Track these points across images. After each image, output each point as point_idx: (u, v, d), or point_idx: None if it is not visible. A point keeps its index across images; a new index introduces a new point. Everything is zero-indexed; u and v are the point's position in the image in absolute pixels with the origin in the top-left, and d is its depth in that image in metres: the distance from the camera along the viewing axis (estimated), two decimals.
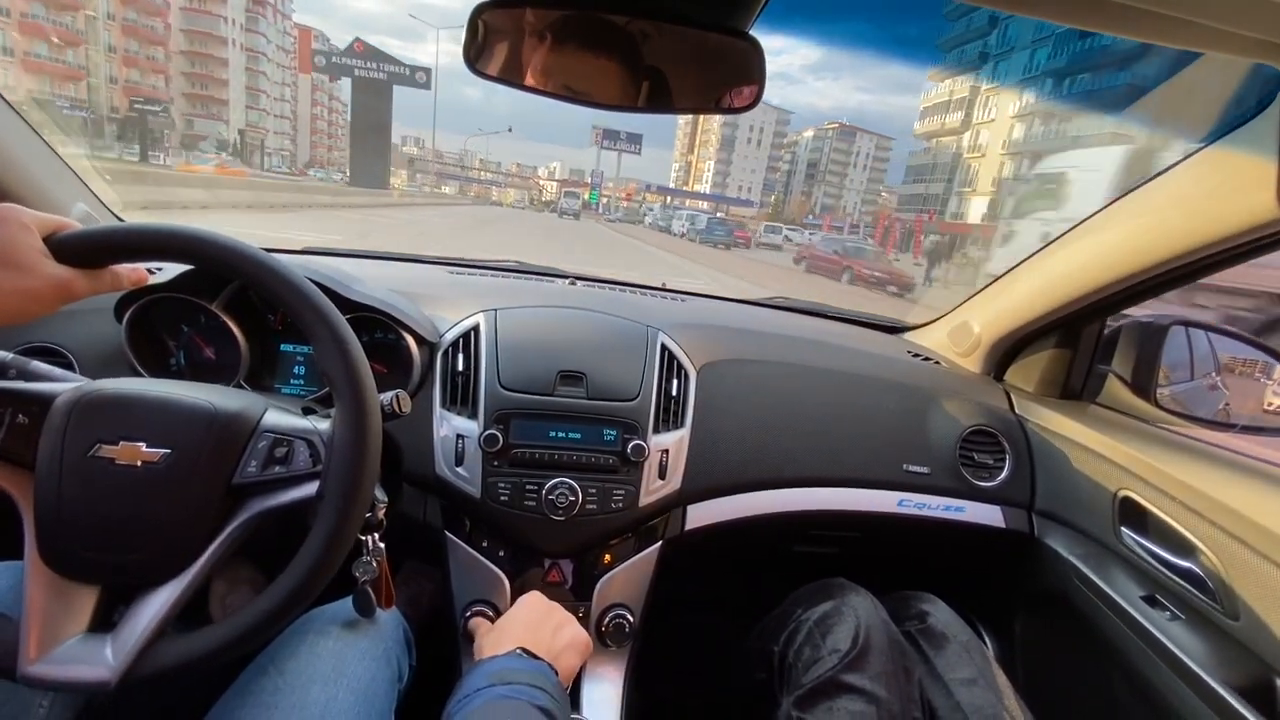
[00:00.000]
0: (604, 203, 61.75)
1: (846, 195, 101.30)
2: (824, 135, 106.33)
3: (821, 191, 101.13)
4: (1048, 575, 0.98)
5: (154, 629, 0.49)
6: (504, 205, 66.90)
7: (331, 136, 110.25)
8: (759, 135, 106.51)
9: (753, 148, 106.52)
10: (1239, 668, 0.71)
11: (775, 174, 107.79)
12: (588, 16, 0.54)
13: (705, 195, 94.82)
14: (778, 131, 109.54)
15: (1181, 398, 1.07)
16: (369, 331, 0.87)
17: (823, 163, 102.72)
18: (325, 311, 0.54)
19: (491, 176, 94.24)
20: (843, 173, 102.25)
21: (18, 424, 0.51)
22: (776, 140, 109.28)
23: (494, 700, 0.52)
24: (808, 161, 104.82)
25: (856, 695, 0.69)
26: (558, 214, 38.46)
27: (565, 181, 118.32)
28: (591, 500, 0.83)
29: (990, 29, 49.99)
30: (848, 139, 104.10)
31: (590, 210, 54.76)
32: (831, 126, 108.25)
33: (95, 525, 0.50)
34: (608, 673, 0.88)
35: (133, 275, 0.56)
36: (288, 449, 0.54)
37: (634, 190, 77.30)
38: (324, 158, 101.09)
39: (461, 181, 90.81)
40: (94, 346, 0.82)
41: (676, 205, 68.41)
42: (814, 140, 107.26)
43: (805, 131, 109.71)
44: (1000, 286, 1.12)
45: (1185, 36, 0.45)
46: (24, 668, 0.47)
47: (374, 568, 0.64)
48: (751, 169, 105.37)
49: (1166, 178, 0.78)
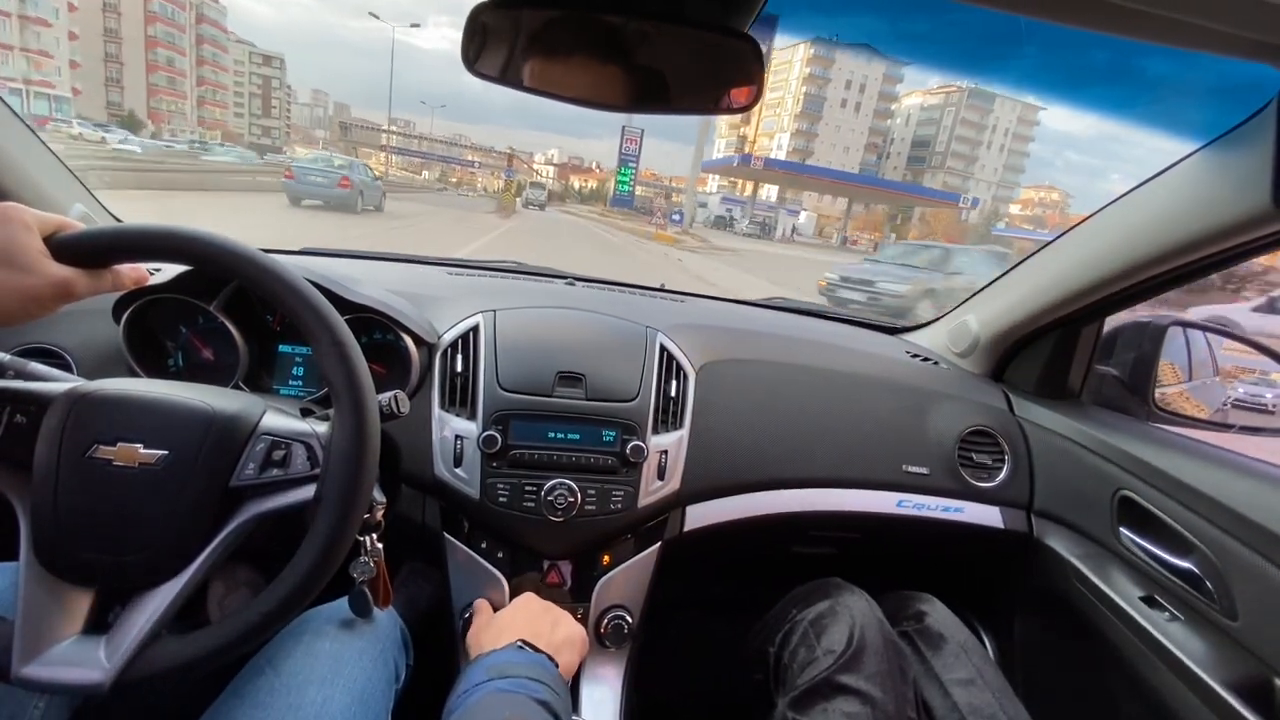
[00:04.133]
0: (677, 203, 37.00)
1: (975, 188, 72.20)
2: (940, 104, 72.95)
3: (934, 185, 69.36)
4: (1046, 575, 0.98)
5: (149, 631, 0.49)
6: (473, 195, 47.79)
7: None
8: (858, 95, 70.56)
9: (848, 113, 71.36)
10: (1238, 668, 0.71)
11: (871, 153, 73.71)
12: (586, 17, 0.54)
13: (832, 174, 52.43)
14: (884, 92, 73.00)
15: (1180, 398, 1.07)
16: (368, 332, 0.87)
17: (939, 140, 72.83)
18: (324, 313, 0.54)
19: (478, 159, 74.95)
20: (971, 155, 73.73)
21: (15, 424, 0.51)
22: (881, 107, 73.25)
23: (494, 694, 0.53)
24: (913, 140, 74.29)
25: (851, 696, 0.69)
26: (523, 204, 34.74)
27: (563, 166, 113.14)
28: (590, 501, 0.83)
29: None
30: (981, 107, 73.42)
31: (618, 212, 36.40)
32: (950, 90, 75.37)
33: (91, 526, 0.50)
34: (607, 674, 0.88)
35: (133, 275, 0.56)
36: (286, 451, 0.54)
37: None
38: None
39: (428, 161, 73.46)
40: (92, 347, 0.82)
41: (725, 199, 52.54)
42: (925, 110, 74.81)
43: (907, 97, 74.89)
44: (999, 287, 1.12)
45: (1182, 37, 0.45)
46: (17, 669, 0.47)
47: (371, 568, 0.64)
48: (845, 145, 71.40)
49: (1164, 179, 0.78)
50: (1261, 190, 0.63)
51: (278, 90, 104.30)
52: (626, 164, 37.37)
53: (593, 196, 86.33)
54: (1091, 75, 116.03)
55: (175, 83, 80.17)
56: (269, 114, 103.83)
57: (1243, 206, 0.67)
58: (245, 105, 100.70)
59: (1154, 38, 0.46)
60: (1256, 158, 0.63)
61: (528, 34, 0.56)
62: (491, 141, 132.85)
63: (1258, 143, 0.64)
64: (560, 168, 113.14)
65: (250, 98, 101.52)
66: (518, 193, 35.51)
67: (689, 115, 0.61)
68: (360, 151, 57.36)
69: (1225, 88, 0.66)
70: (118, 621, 0.50)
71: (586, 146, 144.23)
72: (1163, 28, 0.44)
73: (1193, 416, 1.03)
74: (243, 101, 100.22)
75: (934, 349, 1.25)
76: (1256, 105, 0.64)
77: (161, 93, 78.21)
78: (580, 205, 61.08)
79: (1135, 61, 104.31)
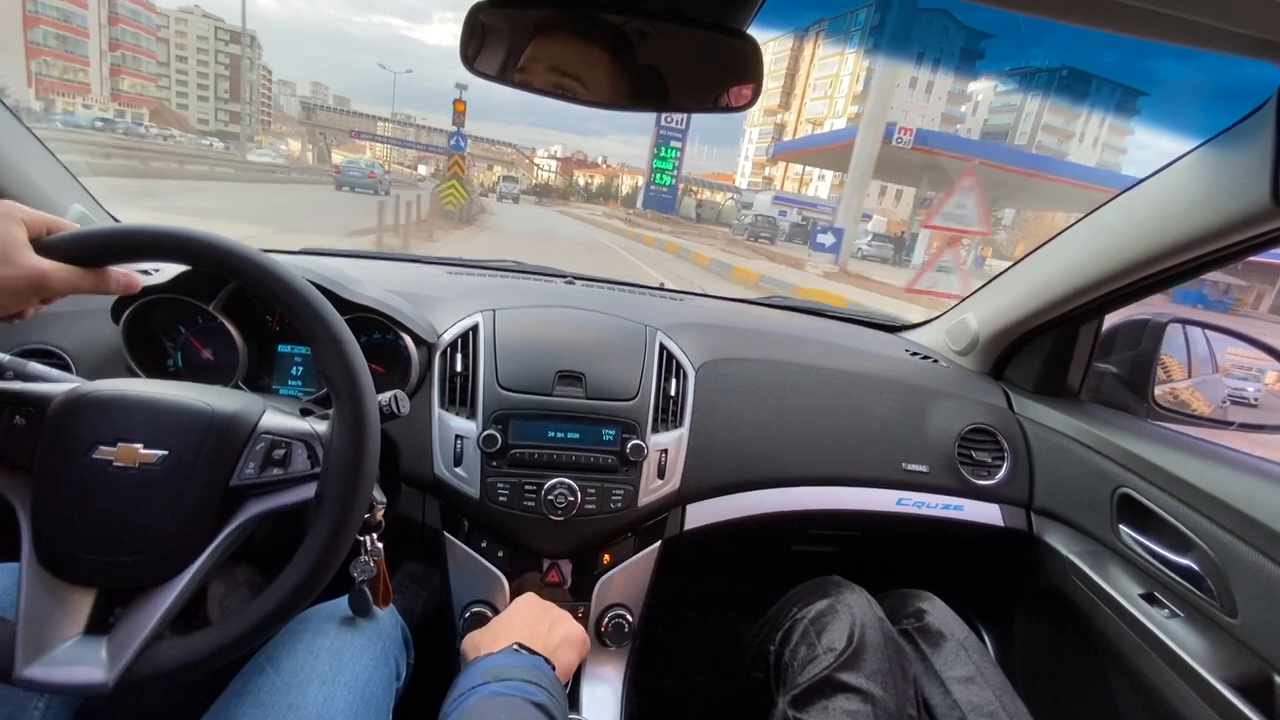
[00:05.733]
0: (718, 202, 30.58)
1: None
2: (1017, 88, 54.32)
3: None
4: (1046, 573, 0.98)
5: (151, 631, 0.49)
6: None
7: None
8: (932, 73, 54.55)
9: (917, 96, 55.63)
10: (1237, 665, 0.71)
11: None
12: (585, 16, 0.54)
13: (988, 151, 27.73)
14: (962, 69, 55.57)
15: (1179, 395, 1.08)
16: (367, 332, 0.87)
17: (1016, 134, 55.39)
18: (322, 311, 0.54)
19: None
20: (1060, 152, 55.40)
21: (14, 425, 0.51)
22: (956, 89, 56.83)
23: (489, 697, 0.52)
24: (981, 131, 57.26)
25: (852, 694, 0.69)
26: (497, 197, 34.30)
27: (567, 160, 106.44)
28: (590, 500, 0.83)
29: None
30: (1076, 89, 54.63)
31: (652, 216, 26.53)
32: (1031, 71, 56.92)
33: (92, 527, 0.50)
34: (607, 672, 0.88)
35: (123, 281, 0.55)
36: (286, 451, 0.54)
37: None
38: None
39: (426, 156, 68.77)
40: (91, 348, 0.82)
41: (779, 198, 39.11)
42: (1001, 95, 57.60)
43: (974, 82, 56.19)
44: (998, 285, 1.12)
45: (1183, 34, 0.45)
46: (20, 671, 0.47)
47: (372, 568, 0.64)
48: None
49: (1163, 176, 0.78)
50: (1261, 188, 0.63)
51: (249, 72, 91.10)
52: (669, 143, 23.46)
53: (600, 194, 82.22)
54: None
55: (71, 43, 64.02)
56: (237, 98, 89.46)
57: (1242, 204, 0.67)
58: (211, 87, 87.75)
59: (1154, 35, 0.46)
60: (1256, 155, 0.63)
61: (526, 32, 0.56)
62: (497, 136, 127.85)
63: (1257, 140, 0.63)
64: (564, 162, 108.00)
65: (216, 79, 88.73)
66: (491, 187, 28.67)
67: (687, 113, 0.61)
68: (332, 138, 53.34)
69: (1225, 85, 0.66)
70: (119, 622, 0.50)
71: (589, 144, 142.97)
72: (1163, 25, 0.44)
73: (1192, 414, 1.03)
74: (207, 83, 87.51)
75: (933, 347, 1.25)
76: (1256, 102, 0.64)
77: (46, 53, 62.24)
78: (587, 204, 54.96)
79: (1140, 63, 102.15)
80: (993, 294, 1.13)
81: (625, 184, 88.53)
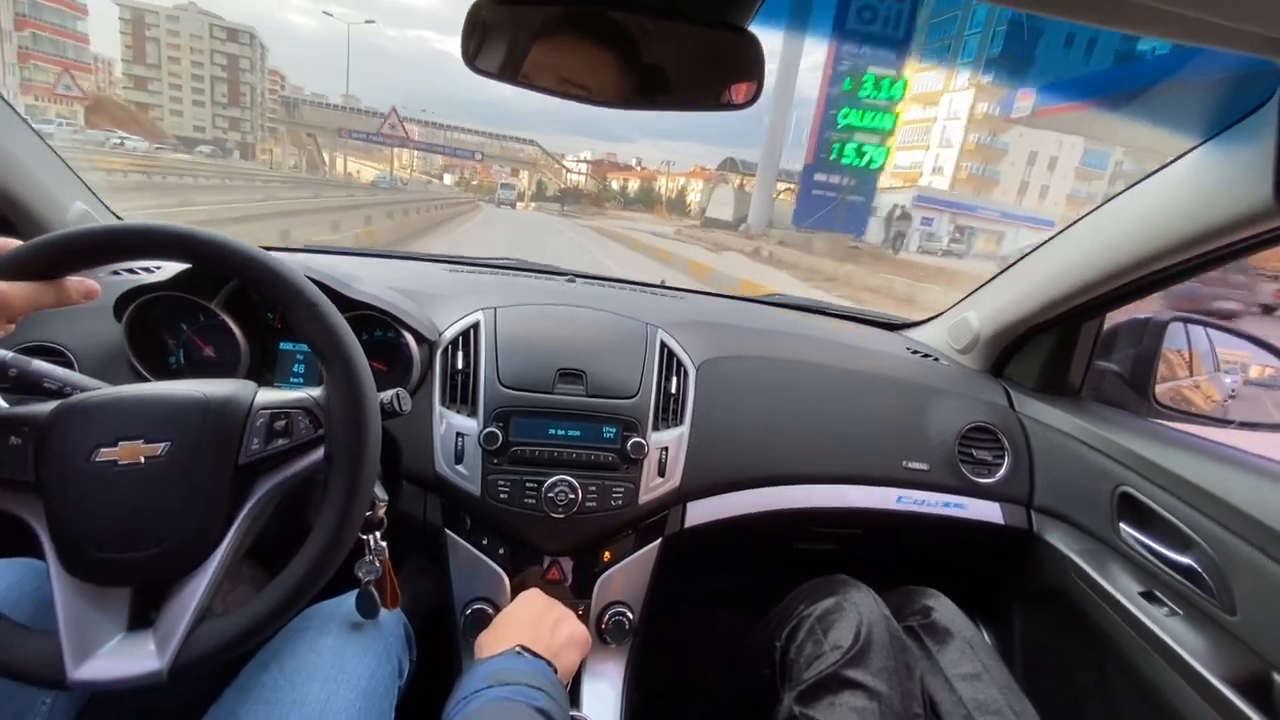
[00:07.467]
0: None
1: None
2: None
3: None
4: (1046, 571, 0.98)
5: (193, 615, 0.50)
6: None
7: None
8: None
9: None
10: (1236, 663, 0.71)
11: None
12: (587, 13, 0.54)
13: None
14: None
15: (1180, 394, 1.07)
16: (369, 330, 0.87)
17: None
18: (290, 277, 0.53)
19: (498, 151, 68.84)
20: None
21: (11, 446, 0.50)
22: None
23: (491, 702, 0.53)
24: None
25: (858, 691, 0.69)
26: (495, 204, 35.80)
27: (598, 163, 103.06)
28: (591, 498, 0.83)
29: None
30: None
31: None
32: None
33: (111, 528, 0.50)
34: (608, 670, 0.88)
35: (80, 289, 0.52)
36: (286, 421, 0.54)
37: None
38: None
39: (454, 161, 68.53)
40: (94, 345, 0.82)
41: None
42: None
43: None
44: (999, 283, 1.12)
45: (1184, 31, 0.45)
46: (71, 674, 0.47)
47: (377, 568, 0.64)
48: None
49: (1165, 174, 0.78)
50: (1263, 185, 0.63)
51: (248, 73, 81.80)
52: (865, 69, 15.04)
53: (639, 200, 73.15)
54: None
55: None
56: (236, 102, 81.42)
57: (1244, 202, 0.66)
58: (207, 90, 79.51)
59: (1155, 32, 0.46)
60: (1258, 153, 0.63)
61: (527, 29, 0.56)
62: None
63: (1259, 138, 0.63)
64: (595, 164, 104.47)
65: (212, 81, 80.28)
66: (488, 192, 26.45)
67: (688, 111, 0.61)
68: (321, 138, 50.35)
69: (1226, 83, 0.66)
70: (160, 613, 0.51)
71: (620, 149, 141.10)
72: (1164, 22, 0.44)
73: (1193, 412, 1.03)
74: (203, 86, 79.39)
75: (934, 345, 1.25)
76: (1258, 100, 0.64)
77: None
78: (625, 211, 49.35)
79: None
80: (994, 292, 1.13)
81: (664, 186, 78.89)
